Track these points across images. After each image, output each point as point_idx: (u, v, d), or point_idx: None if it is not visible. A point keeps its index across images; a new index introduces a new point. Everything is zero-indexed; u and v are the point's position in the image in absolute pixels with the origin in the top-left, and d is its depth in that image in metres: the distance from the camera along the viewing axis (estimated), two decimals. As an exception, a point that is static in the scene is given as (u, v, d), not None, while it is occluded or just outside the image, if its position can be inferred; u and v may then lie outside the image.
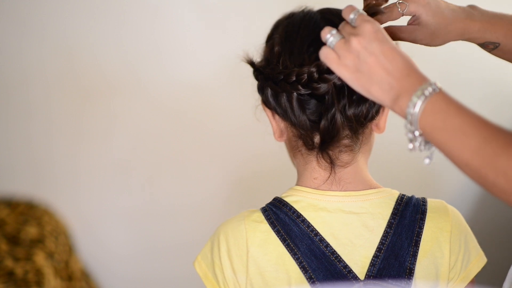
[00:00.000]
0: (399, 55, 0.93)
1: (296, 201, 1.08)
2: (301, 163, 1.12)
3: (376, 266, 1.04)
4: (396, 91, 0.91)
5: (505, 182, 0.81)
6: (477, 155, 0.83)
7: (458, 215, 1.11)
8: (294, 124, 1.08)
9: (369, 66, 0.92)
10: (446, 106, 0.86)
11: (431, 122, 0.87)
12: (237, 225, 1.08)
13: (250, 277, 1.06)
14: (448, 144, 0.86)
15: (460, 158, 0.85)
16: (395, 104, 0.91)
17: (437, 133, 0.87)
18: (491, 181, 0.82)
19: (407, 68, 0.91)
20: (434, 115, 0.86)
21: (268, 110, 1.12)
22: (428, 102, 0.87)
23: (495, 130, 0.83)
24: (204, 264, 1.10)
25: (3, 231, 2.24)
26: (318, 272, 1.03)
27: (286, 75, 1.04)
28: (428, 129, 0.87)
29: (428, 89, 0.88)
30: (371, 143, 1.13)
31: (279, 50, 1.09)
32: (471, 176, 0.85)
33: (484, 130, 0.83)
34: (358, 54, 0.93)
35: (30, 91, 2.34)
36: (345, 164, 1.08)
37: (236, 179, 2.37)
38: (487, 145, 0.82)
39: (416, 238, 1.06)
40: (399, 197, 1.09)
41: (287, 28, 1.10)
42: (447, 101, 0.87)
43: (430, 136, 0.88)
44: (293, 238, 1.05)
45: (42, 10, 2.28)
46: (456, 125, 0.85)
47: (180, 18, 2.28)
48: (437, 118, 0.86)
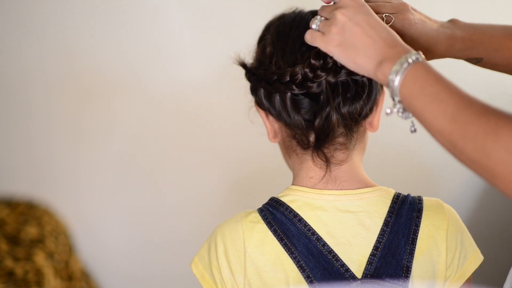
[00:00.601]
0: (385, 26, 0.95)
1: (292, 200, 1.08)
2: (297, 163, 1.12)
3: (373, 264, 1.04)
4: (380, 58, 0.93)
5: (473, 149, 0.82)
6: (450, 121, 0.84)
7: (454, 213, 1.11)
8: (288, 124, 1.09)
9: (355, 36, 0.95)
10: (426, 74, 0.89)
11: (410, 88, 0.89)
12: (234, 226, 1.08)
13: (248, 278, 1.06)
14: (424, 110, 0.87)
15: (434, 125, 0.86)
16: (378, 70, 0.93)
17: (415, 99, 0.89)
18: (460, 148, 0.84)
19: (393, 39, 0.94)
20: (414, 81, 0.89)
21: (261, 111, 1.13)
22: (410, 69, 0.89)
23: (470, 100, 0.85)
24: (201, 265, 1.10)
25: (3, 231, 2.24)
26: (315, 271, 1.03)
27: (279, 75, 1.05)
28: (407, 95, 0.89)
29: (412, 58, 0.90)
30: (365, 141, 1.14)
31: (271, 50, 1.09)
32: (442, 143, 0.87)
33: (459, 99, 0.85)
34: (343, 25, 0.95)
35: (30, 91, 2.34)
36: (340, 162, 1.09)
37: (235, 179, 2.37)
38: (461, 113, 0.84)
39: (413, 236, 1.06)
40: (395, 196, 1.10)
41: (278, 29, 1.11)
42: (428, 70, 0.89)
43: (409, 102, 0.90)
44: (290, 237, 1.05)
45: (42, 10, 2.28)
46: (434, 92, 0.87)
47: (180, 18, 2.28)
48: (416, 85, 0.88)
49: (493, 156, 0.80)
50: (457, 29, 1.12)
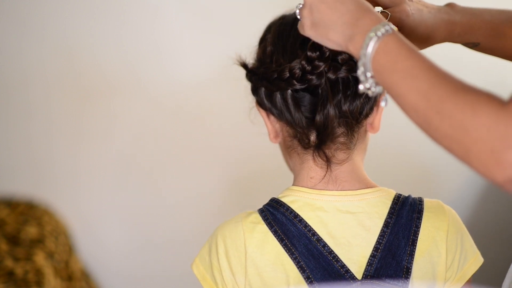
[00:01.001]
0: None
1: (292, 201, 1.08)
2: (297, 163, 1.12)
3: (374, 265, 1.04)
4: (349, 32, 0.91)
5: (449, 126, 0.80)
6: (424, 98, 0.82)
7: (454, 214, 1.11)
8: (289, 123, 1.09)
9: (322, 13, 0.94)
10: (398, 48, 0.86)
11: (382, 63, 0.87)
12: (234, 227, 1.08)
13: (248, 278, 1.06)
14: (397, 85, 0.85)
15: (408, 101, 0.85)
16: (349, 45, 0.92)
17: (387, 75, 0.87)
18: (435, 125, 0.82)
19: (360, 10, 0.92)
20: (386, 56, 0.87)
21: (262, 111, 1.13)
22: (381, 43, 0.87)
23: (444, 76, 0.83)
24: (202, 267, 1.10)
25: (3, 231, 2.24)
26: (315, 272, 1.03)
27: (279, 72, 1.05)
28: (379, 69, 0.87)
29: (381, 30, 0.88)
30: (366, 142, 1.14)
31: (272, 49, 1.09)
32: (416, 120, 0.85)
33: (433, 75, 0.83)
34: (310, 6, 0.96)
35: (30, 91, 2.34)
36: (341, 161, 1.09)
37: (235, 179, 2.37)
38: (435, 89, 0.82)
39: (413, 237, 1.06)
40: (395, 197, 1.10)
41: (279, 28, 1.12)
42: (400, 43, 0.87)
43: (381, 77, 0.88)
44: (291, 238, 1.05)
45: (42, 10, 2.28)
46: (407, 67, 0.85)
47: (180, 18, 2.28)
48: (388, 59, 0.86)
49: (471, 133, 0.78)
50: (455, 13, 1.11)
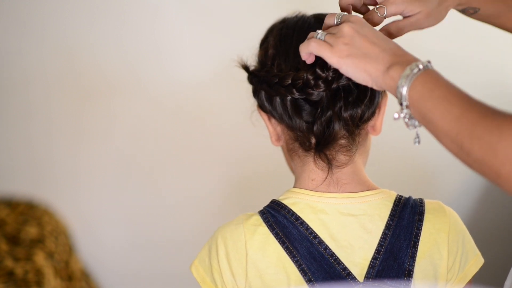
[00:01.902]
0: (390, 39, 0.97)
1: (294, 203, 1.08)
2: (299, 165, 1.12)
3: (375, 268, 1.04)
4: (389, 64, 0.93)
5: (479, 149, 0.83)
6: (457, 122, 0.85)
7: (455, 216, 1.11)
8: (290, 127, 1.09)
9: (364, 46, 0.96)
10: (435, 79, 0.90)
11: (419, 91, 0.90)
12: (235, 228, 1.08)
13: (249, 280, 1.06)
14: (432, 112, 0.88)
15: (441, 126, 0.87)
16: (387, 75, 0.93)
17: (423, 102, 0.89)
18: (467, 149, 0.84)
19: (399, 49, 0.95)
20: (424, 85, 0.89)
21: (264, 114, 1.13)
22: (420, 75, 0.90)
23: (476, 102, 0.86)
24: (201, 268, 1.10)
25: (3, 231, 2.24)
26: (317, 275, 1.03)
27: (281, 78, 1.05)
28: (416, 97, 0.90)
29: (422, 64, 0.91)
30: (368, 145, 1.14)
31: (274, 53, 1.09)
32: (449, 146, 0.87)
33: (466, 101, 0.86)
34: (352, 37, 0.96)
35: (30, 91, 2.34)
36: (342, 164, 1.09)
37: (235, 179, 2.37)
38: (468, 113, 0.85)
39: (415, 239, 1.06)
40: (396, 198, 1.09)
41: (281, 32, 1.11)
42: (437, 75, 0.90)
43: (417, 105, 0.90)
44: (292, 240, 1.05)
45: (42, 10, 2.28)
46: (442, 94, 0.88)
47: (180, 18, 2.28)
48: (425, 88, 0.89)
49: (499, 154, 0.81)
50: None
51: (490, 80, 2.23)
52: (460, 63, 2.22)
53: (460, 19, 2.23)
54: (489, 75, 2.23)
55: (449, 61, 2.19)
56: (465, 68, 2.22)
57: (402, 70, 0.91)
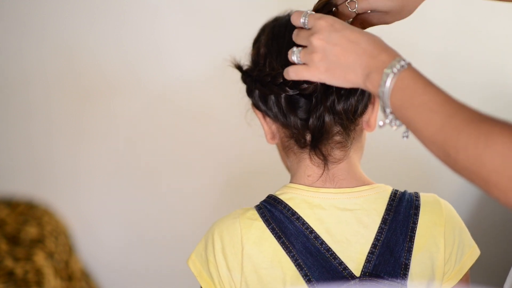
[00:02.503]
0: (363, 36, 0.94)
1: (290, 198, 1.08)
2: (294, 162, 1.12)
3: (372, 262, 1.04)
4: (367, 71, 0.92)
5: (466, 158, 0.81)
6: (441, 131, 0.83)
7: (450, 208, 1.12)
8: (285, 124, 1.09)
9: (338, 56, 0.94)
10: (414, 83, 0.87)
11: (399, 99, 0.88)
12: (231, 223, 1.08)
13: (245, 275, 1.06)
14: (415, 120, 0.86)
15: (426, 135, 0.86)
16: (367, 83, 0.92)
17: (405, 110, 0.88)
18: (453, 158, 0.83)
19: (374, 47, 0.92)
20: (403, 92, 0.88)
21: (258, 112, 1.13)
22: (397, 79, 0.88)
23: (459, 107, 0.84)
24: (198, 263, 1.10)
25: (3, 231, 2.24)
26: (313, 270, 1.03)
27: (273, 76, 1.05)
28: (397, 105, 0.88)
29: (396, 66, 0.89)
30: (362, 140, 1.14)
31: (266, 51, 1.10)
32: (436, 154, 0.86)
33: (448, 107, 0.84)
34: (323, 49, 0.95)
35: (30, 91, 2.34)
36: (338, 160, 1.09)
37: (234, 175, 2.37)
38: (450, 121, 0.83)
39: (411, 233, 1.06)
40: (392, 193, 1.10)
41: (273, 30, 1.12)
42: (415, 78, 0.88)
43: (399, 113, 0.89)
44: (288, 235, 1.05)
45: (42, 10, 2.28)
46: (423, 102, 0.86)
47: (180, 19, 2.28)
48: (405, 95, 0.87)
49: (486, 163, 0.79)
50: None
51: (490, 80, 2.23)
52: (460, 63, 2.22)
53: (460, 19, 2.24)
54: (489, 75, 2.23)
55: (449, 61, 2.19)
56: (465, 68, 2.22)
57: (380, 76, 0.89)
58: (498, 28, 2.20)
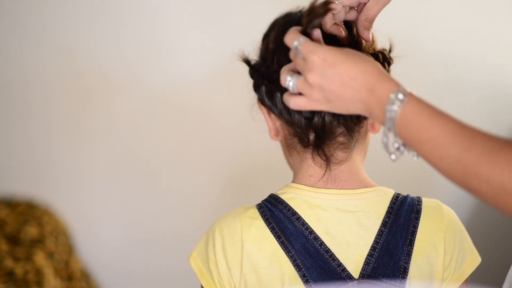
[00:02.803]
0: (358, 68, 0.90)
1: (291, 198, 1.08)
2: (297, 161, 1.12)
3: (371, 265, 1.04)
4: (368, 108, 0.90)
5: (489, 188, 0.79)
6: (458, 165, 0.81)
7: (453, 214, 1.11)
8: (289, 122, 1.09)
9: (336, 93, 0.91)
10: (418, 117, 0.84)
11: (407, 136, 0.85)
12: (232, 221, 1.08)
13: (244, 273, 1.06)
14: (428, 155, 0.84)
15: (443, 169, 0.83)
16: (374, 120, 0.91)
17: (416, 146, 0.85)
18: (475, 189, 0.81)
19: (369, 83, 0.89)
20: (408, 130, 0.85)
21: (264, 108, 1.13)
22: (400, 117, 0.85)
23: (472, 137, 0.81)
24: (199, 260, 1.10)
25: (3, 231, 2.24)
26: (311, 270, 1.03)
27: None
28: (407, 141, 0.86)
29: (396, 103, 0.86)
30: (366, 143, 1.14)
31: (274, 48, 1.09)
32: (455, 183, 0.84)
33: (462, 139, 0.81)
34: (320, 86, 0.92)
35: (30, 91, 2.34)
36: (340, 161, 1.09)
37: (235, 175, 2.37)
38: (467, 154, 0.80)
39: (411, 237, 1.06)
40: (394, 196, 1.09)
41: (283, 27, 1.11)
42: (418, 111, 0.85)
43: (411, 147, 0.87)
44: (288, 235, 1.05)
45: (42, 10, 2.28)
46: (432, 136, 0.83)
47: (180, 18, 2.28)
48: (411, 132, 0.85)
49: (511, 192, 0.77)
50: None
51: (490, 80, 2.23)
52: (461, 63, 2.21)
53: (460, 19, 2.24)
54: (489, 75, 2.23)
55: (449, 61, 2.19)
56: (466, 68, 2.22)
57: (382, 113, 0.87)
58: (498, 28, 2.19)
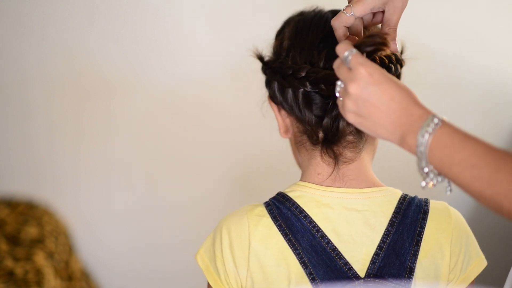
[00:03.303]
0: (397, 93, 0.91)
1: (299, 196, 1.09)
2: (306, 158, 1.12)
3: (377, 264, 1.04)
4: (400, 132, 0.90)
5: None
6: (489, 185, 0.82)
7: (460, 217, 1.11)
8: (299, 119, 1.09)
9: (369, 111, 0.92)
10: (451, 139, 0.86)
11: (439, 158, 0.86)
12: (239, 219, 1.09)
13: (251, 271, 1.06)
14: (459, 177, 0.85)
15: (473, 190, 0.84)
16: (403, 144, 0.91)
17: (447, 168, 0.86)
18: (507, 209, 0.82)
19: (406, 107, 0.90)
20: (441, 151, 0.86)
21: (274, 105, 1.14)
22: (433, 139, 0.86)
23: (502, 157, 0.83)
24: (206, 258, 1.10)
25: (3, 231, 2.24)
26: (318, 268, 1.04)
27: (295, 70, 1.05)
28: (437, 165, 0.87)
29: (431, 126, 0.87)
30: (375, 143, 1.14)
31: (289, 44, 1.09)
32: (486, 205, 0.84)
33: (493, 160, 0.83)
34: (356, 100, 0.93)
35: (30, 91, 2.34)
36: (349, 160, 1.09)
37: (236, 176, 2.37)
38: (498, 175, 0.81)
39: (417, 237, 1.06)
40: (401, 197, 1.10)
41: (298, 24, 1.11)
42: (452, 134, 0.86)
43: (441, 171, 0.87)
44: (295, 233, 1.05)
45: (42, 10, 2.28)
46: (464, 158, 0.84)
47: (180, 18, 2.28)
48: (444, 154, 0.86)
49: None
50: None
51: (490, 80, 2.23)
52: (461, 64, 2.22)
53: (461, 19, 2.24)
54: (490, 75, 2.23)
55: (449, 62, 2.20)
56: (466, 68, 2.22)
57: (415, 138, 0.87)
58: (499, 28, 2.20)
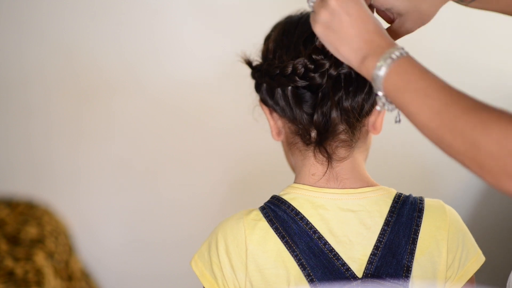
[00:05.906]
0: (372, 18, 0.94)
1: (294, 198, 1.09)
2: (299, 159, 1.12)
3: (374, 264, 1.04)
4: (364, 52, 0.92)
5: (462, 143, 0.83)
6: (436, 116, 0.85)
7: (455, 214, 1.11)
8: (291, 119, 1.10)
9: (342, 25, 0.94)
10: (411, 69, 0.89)
11: (394, 83, 0.89)
12: (235, 223, 1.08)
13: (249, 275, 1.06)
14: (409, 104, 0.88)
15: (420, 119, 0.87)
16: (362, 65, 0.93)
17: (400, 94, 0.89)
18: (448, 142, 0.85)
19: (378, 32, 0.93)
20: (398, 76, 0.89)
21: (265, 108, 1.14)
22: (394, 65, 0.89)
23: (457, 95, 0.85)
24: (200, 263, 1.10)
25: (3, 231, 2.24)
26: (316, 270, 1.04)
27: (282, 68, 1.06)
28: (391, 89, 0.89)
29: (395, 53, 0.90)
30: (368, 142, 1.14)
31: (275, 46, 1.10)
32: (429, 137, 0.87)
33: (447, 94, 0.86)
34: (333, 11, 0.94)
35: (30, 91, 2.34)
36: (342, 158, 1.09)
37: (235, 177, 2.37)
38: (448, 108, 0.84)
39: (414, 236, 1.06)
40: (396, 195, 1.10)
41: (284, 27, 1.12)
42: (413, 64, 0.89)
43: (393, 96, 0.90)
44: (292, 235, 1.05)
45: (42, 10, 2.28)
46: (420, 87, 0.87)
47: (179, 19, 2.28)
48: (401, 79, 0.88)
49: (483, 149, 0.81)
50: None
51: (490, 80, 2.23)
52: (461, 64, 2.22)
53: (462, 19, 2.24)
54: (490, 75, 2.23)
55: (450, 62, 2.20)
56: (466, 69, 2.22)
57: (376, 60, 0.90)
58: (500, 29, 2.20)
